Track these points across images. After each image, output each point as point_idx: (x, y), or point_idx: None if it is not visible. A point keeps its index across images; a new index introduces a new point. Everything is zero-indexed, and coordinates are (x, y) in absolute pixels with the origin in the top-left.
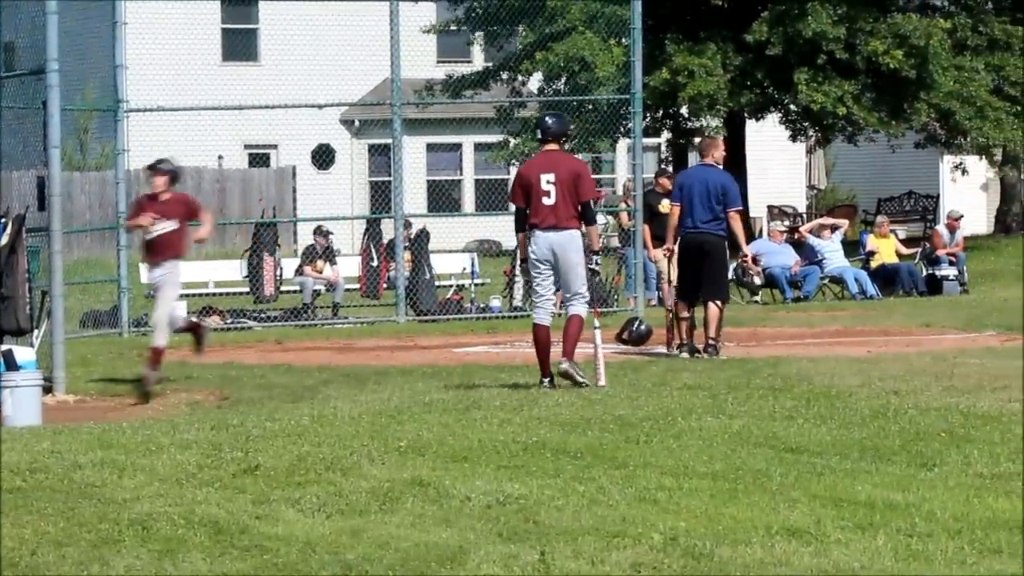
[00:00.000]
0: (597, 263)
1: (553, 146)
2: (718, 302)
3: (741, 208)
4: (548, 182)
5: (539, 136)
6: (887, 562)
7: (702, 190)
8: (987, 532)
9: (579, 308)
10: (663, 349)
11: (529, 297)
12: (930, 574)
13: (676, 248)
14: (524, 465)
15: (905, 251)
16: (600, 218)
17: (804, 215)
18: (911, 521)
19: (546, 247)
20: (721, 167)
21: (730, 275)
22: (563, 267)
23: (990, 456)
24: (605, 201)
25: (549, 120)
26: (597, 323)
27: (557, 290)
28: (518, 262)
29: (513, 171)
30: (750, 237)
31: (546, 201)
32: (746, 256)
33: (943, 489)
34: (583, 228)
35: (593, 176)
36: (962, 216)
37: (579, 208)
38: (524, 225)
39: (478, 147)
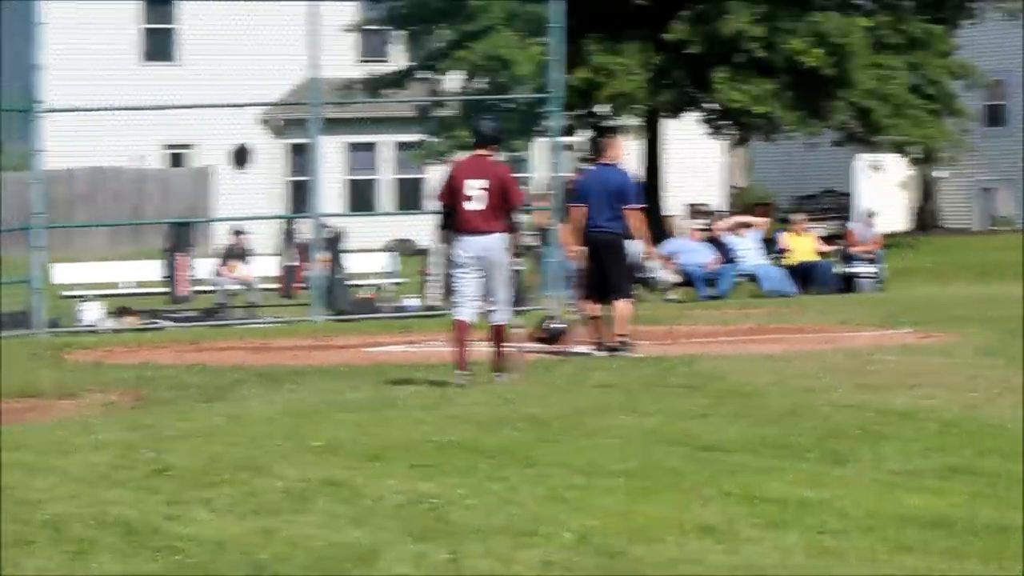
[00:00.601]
0: (517, 265)
1: (484, 151)
2: (625, 299)
3: (640, 205)
4: (475, 187)
5: (474, 139)
6: (799, 559)
7: (601, 190)
8: (899, 529)
9: (503, 315)
10: (580, 348)
11: (447, 296)
12: (842, 571)
13: (581, 249)
14: (437, 464)
15: (822, 248)
16: (524, 218)
17: (722, 213)
18: (823, 518)
19: (473, 251)
20: (620, 166)
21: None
22: (490, 271)
23: (903, 453)
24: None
25: (485, 124)
26: (519, 320)
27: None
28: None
29: (431, 171)
30: (664, 235)
31: (469, 205)
32: (649, 253)
33: (856, 486)
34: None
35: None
36: (876, 214)
37: (506, 214)
38: (450, 223)
39: (399, 146)
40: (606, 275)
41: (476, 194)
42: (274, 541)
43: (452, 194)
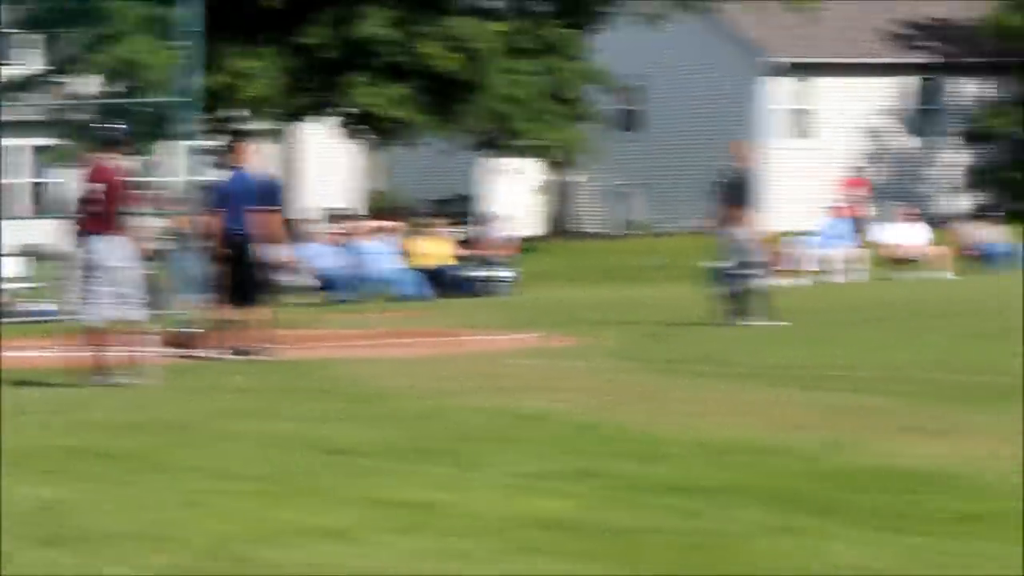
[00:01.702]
0: (151, 267)
1: (106, 154)
2: (262, 303)
3: (275, 208)
4: (93, 190)
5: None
6: (431, 562)
7: (238, 194)
8: (531, 531)
9: (132, 315)
10: (215, 353)
11: (82, 300)
12: (472, 573)
13: (221, 252)
14: (67, 470)
15: (456, 252)
16: (158, 221)
17: (359, 217)
18: (455, 522)
19: (94, 252)
20: (257, 169)
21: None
22: (111, 272)
23: (535, 456)
24: (160, 204)
25: (104, 129)
26: (152, 325)
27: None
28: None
29: (66, 175)
30: (301, 239)
31: (90, 208)
32: (283, 256)
33: (487, 489)
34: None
35: (148, 179)
36: (503, 217)
37: (123, 214)
38: (80, 226)
39: (33, 150)
40: (242, 279)
41: (94, 197)
42: None
43: (80, 198)
